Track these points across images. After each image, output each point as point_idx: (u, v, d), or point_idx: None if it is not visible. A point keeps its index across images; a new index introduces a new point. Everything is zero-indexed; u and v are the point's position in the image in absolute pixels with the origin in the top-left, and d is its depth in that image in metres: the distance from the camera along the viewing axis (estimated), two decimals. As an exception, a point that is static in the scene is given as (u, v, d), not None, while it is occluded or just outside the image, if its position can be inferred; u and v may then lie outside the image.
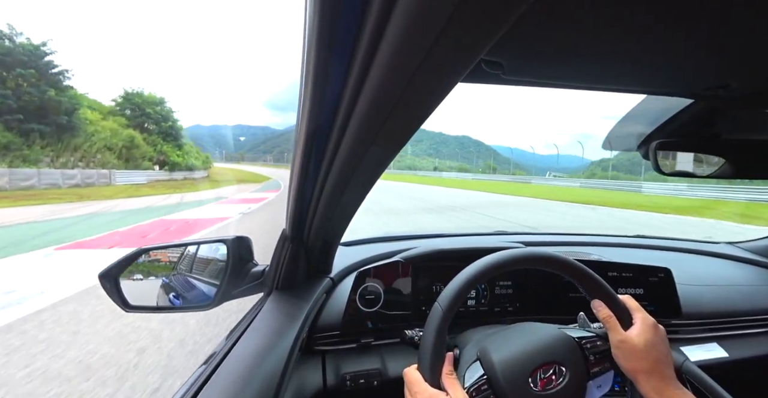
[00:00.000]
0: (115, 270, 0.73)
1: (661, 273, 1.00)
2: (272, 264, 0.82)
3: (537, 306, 0.96)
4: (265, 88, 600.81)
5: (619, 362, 0.55)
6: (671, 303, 0.99)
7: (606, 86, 0.64)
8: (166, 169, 33.06)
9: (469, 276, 0.56)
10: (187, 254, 0.85)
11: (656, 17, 0.41)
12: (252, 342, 0.62)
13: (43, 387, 2.20)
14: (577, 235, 1.59)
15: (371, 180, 0.62)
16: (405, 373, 0.55)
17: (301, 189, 0.62)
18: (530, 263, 0.58)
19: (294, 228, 0.75)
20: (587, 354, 0.56)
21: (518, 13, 0.27)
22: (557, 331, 0.59)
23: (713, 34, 0.44)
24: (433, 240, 1.36)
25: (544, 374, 0.53)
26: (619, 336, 0.55)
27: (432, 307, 0.56)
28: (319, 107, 0.41)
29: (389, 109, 0.40)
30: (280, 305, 0.76)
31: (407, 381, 0.54)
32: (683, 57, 0.51)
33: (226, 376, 0.53)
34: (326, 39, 0.31)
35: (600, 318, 0.58)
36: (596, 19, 0.41)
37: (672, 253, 1.44)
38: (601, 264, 1.01)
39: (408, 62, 0.32)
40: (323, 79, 0.37)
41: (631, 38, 0.46)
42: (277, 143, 69.50)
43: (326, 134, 0.48)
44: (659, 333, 0.57)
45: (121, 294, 0.73)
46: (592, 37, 0.46)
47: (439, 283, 0.94)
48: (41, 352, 2.60)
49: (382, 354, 0.86)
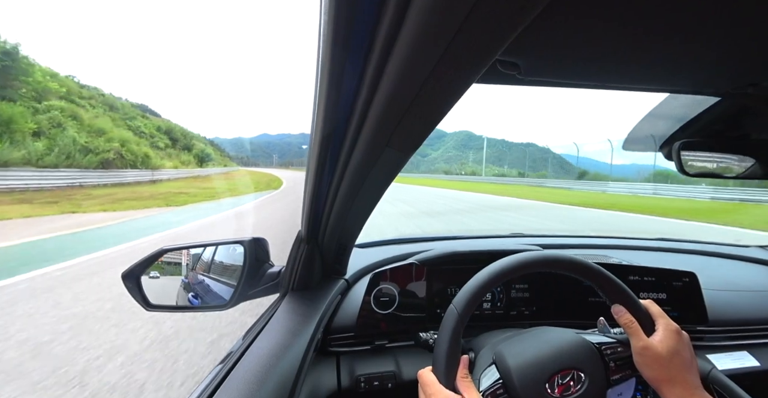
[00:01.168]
0: (137, 270, 0.76)
1: (686, 278, 0.97)
2: (288, 265, 0.83)
3: (554, 311, 0.94)
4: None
5: (642, 369, 0.53)
6: (697, 308, 0.95)
7: (628, 86, 0.62)
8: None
9: (485, 279, 0.55)
10: (205, 255, 0.87)
11: (683, 14, 0.39)
12: (268, 342, 0.63)
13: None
14: (597, 238, 1.55)
15: (386, 182, 0.62)
16: (420, 375, 0.55)
17: (316, 191, 0.63)
18: (548, 267, 0.57)
19: (309, 230, 0.76)
20: (607, 360, 0.54)
21: (535, 13, 0.27)
22: (576, 336, 0.57)
23: (742, 31, 0.42)
24: (447, 242, 1.35)
25: (561, 380, 0.52)
26: (642, 342, 0.54)
27: (447, 309, 0.55)
28: (334, 110, 0.42)
29: (404, 110, 0.40)
30: (295, 306, 0.76)
31: (422, 382, 0.54)
32: (711, 55, 0.50)
33: (243, 375, 0.54)
34: (341, 41, 0.31)
35: (621, 324, 0.57)
36: (618, 18, 0.40)
37: (697, 256, 1.39)
38: (622, 268, 0.98)
39: (423, 63, 0.32)
40: (338, 81, 0.37)
41: (656, 36, 0.44)
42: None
43: (341, 137, 0.48)
44: (683, 339, 0.55)
45: (142, 293, 0.76)
46: (614, 36, 0.45)
47: (454, 286, 0.93)
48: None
49: (396, 356, 0.85)
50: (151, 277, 0.78)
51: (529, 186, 30.52)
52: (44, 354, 2.42)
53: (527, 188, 28.42)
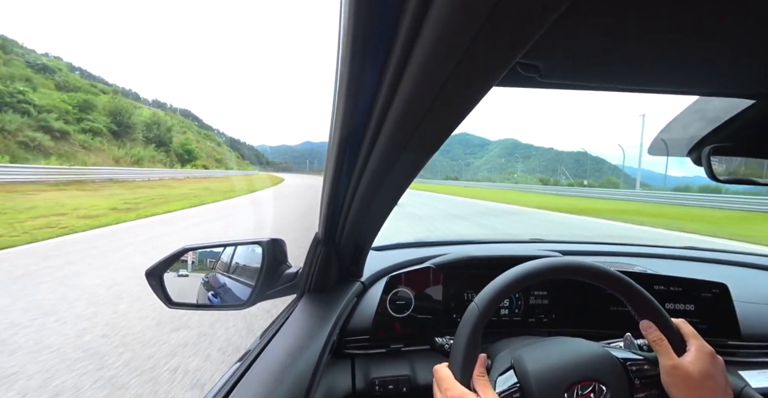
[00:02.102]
0: (160, 268, 0.78)
1: (716, 289, 0.92)
2: (305, 267, 0.84)
3: (574, 319, 0.91)
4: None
5: (670, 390, 0.51)
6: (728, 321, 0.91)
7: (655, 88, 0.60)
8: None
9: (508, 280, 0.54)
10: (225, 255, 0.89)
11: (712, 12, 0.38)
12: (284, 342, 0.63)
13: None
14: (620, 245, 1.50)
15: (403, 186, 0.62)
16: (436, 369, 0.54)
17: (333, 194, 0.63)
18: (575, 274, 0.55)
19: (326, 232, 0.76)
20: (632, 377, 0.52)
21: (557, 14, 0.26)
22: (601, 349, 0.55)
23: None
24: (465, 247, 1.34)
25: (582, 390, 0.50)
26: (671, 361, 0.51)
27: (468, 307, 0.54)
28: (353, 112, 0.42)
29: (422, 113, 0.39)
30: (312, 307, 0.77)
31: (437, 377, 0.53)
32: (744, 54, 0.48)
33: (260, 374, 0.55)
34: (360, 43, 0.32)
35: (649, 341, 0.54)
36: (643, 16, 0.39)
37: (728, 267, 1.32)
38: (646, 277, 0.94)
39: (442, 67, 0.32)
40: (357, 83, 0.37)
41: (684, 36, 0.43)
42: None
43: (359, 140, 0.49)
44: (718, 363, 0.52)
45: (165, 291, 0.78)
46: (639, 36, 0.43)
47: (470, 291, 0.92)
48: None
49: (411, 360, 0.85)
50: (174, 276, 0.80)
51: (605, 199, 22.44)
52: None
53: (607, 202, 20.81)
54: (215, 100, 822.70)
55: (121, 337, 2.73)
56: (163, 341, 2.69)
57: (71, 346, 2.58)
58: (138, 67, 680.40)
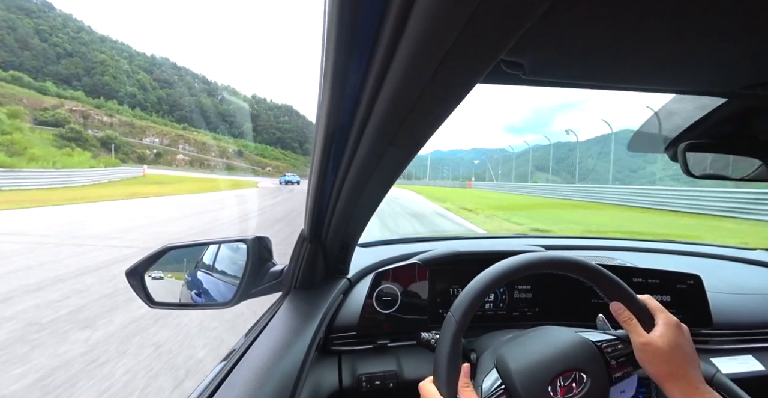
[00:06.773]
0: (141, 267, 0.76)
1: (691, 280, 0.96)
2: (291, 264, 0.84)
3: (557, 311, 0.94)
4: (505, 113, 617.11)
5: (644, 366, 0.53)
6: (701, 311, 0.94)
7: (634, 86, 0.62)
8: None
9: (481, 285, 0.55)
10: (208, 253, 0.87)
11: (690, 13, 0.39)
12: (270, 341, 0.63)
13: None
14: (601, 239, 1.54)
15: (389, 182, 0.62)
16: (420, 387, 0.54)
17: (319, 190, 0.63)
18: (546, 268, 0.57)
19: (312, 229, 0.76)
20: (608, 358, 0.54)
21: (540, 12, 0.27)
22: (576, 336, 0.57)
23: (752, 30, 0.42)
24: (450, 242, 1.35)
25: (563, 382, 0.52)
26: (642, 338, 0.53)
27: (446, 318, 0.55)
28: (338, 109, 0.42)
29: (408, 109, 0.39)
30: (298, 304, 0.77)
31: (423, 395, 0.53)
32: (719, 54, 0.49)
33: (245, 373, 0.54)
34: (345, 39, 0.31)
35: (620, 321, 0.56)
36: (625, 16, 0.40)
37: (702, 259, 1.38)
38: (625, 269, 0.97)
39: (427, 63, 0.32)
40: (342, 80, 0.37)
41: (662, 35, 0.44)
42: (511, 165, 61.86)
43: (344, 135, 0.48)
44: (683, 333, 0.55)
45: (146, 291, 0.76)
46: (620, 35, 0.44)
47: (456, 285, 0.93)
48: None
49: (398, 355, 0.85)
50: (156, 275, 0.78)
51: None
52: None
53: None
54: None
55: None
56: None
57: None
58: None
